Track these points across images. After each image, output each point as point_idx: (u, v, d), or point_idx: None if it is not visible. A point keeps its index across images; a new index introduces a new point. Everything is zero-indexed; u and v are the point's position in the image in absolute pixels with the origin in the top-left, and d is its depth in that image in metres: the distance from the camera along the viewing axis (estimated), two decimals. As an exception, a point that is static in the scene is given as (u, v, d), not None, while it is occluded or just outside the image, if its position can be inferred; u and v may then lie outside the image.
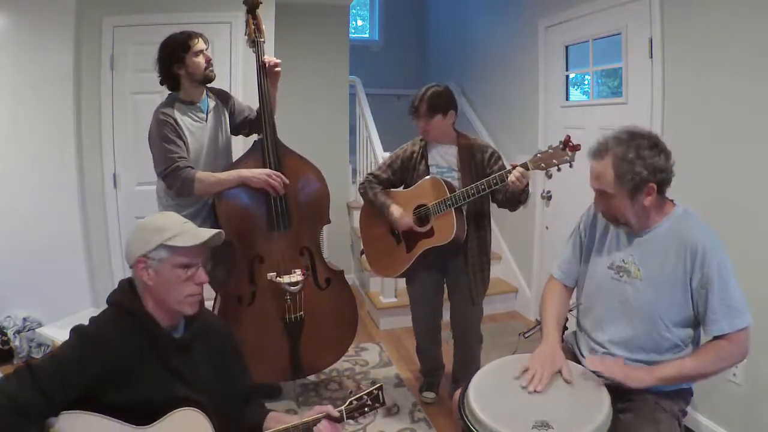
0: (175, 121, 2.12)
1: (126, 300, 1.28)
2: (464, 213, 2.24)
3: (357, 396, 1.36)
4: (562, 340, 1.62)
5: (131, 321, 1.26)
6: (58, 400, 1.15)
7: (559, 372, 1.41)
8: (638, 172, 1.36)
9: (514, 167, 1.98)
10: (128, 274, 1.34)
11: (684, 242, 1.39)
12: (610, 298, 1.51)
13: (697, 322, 1.42)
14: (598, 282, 1.55)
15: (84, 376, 1.17)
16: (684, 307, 1.41)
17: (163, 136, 2.09)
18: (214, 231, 1.33)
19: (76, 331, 1.23)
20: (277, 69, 2.28)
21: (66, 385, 1.16)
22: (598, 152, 1.44)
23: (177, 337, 1.32)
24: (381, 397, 1.38)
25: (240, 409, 1.44)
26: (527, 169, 1.96)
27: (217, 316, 2.14)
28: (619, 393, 1.39)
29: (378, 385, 1.39)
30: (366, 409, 1.36)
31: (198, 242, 1.29)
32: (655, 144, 1.39)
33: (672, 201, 1.49)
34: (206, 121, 2.25)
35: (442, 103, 2.22)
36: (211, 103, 2.28)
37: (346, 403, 1.35)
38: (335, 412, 1.34)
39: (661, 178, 1.38)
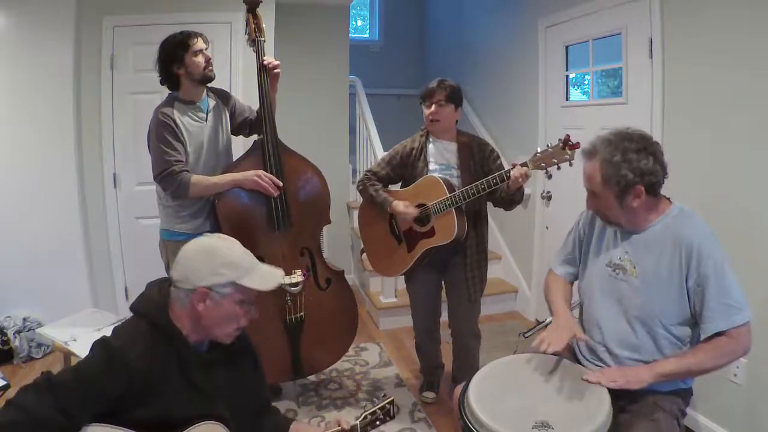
0: (174, 121, 2.12)
1: (153, 312, 1.23)
2: (464, 212, 2.24)
3: (371, 410, 1.39)
4: None
5: (159, 334, 1.21)
6: (80, 417, 1.10)
7: (560, 370, 1.41)
8: (623, 175, 1.37)
9: (514, 167, 1.99)
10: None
11: (679, 241, 1.39)
12: (608, 296, 1.52)
13: (695, 321, 1.42)
14: (597, 279, 1.56)
15: (108, 393, 1.12)
16: (681, 305, 1.40)
17: (161, 137, 2.09)
18: (282, 277, 1.32)
19: (102, 344, 1.17)
20: (276, 71, 2.28)
21: (89, 402, 1.11)
22: (589, 153, 1.46)
23: (202, 352, 1.29)
24: (392, 411, 1.42)
25: (257, 421, 1.43)
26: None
27: None
28: (619, 392, 1.39)
29: (390, 398, 1.42)
30: (378, 422, 1.39)
31: (269, 288, 1.26)
32: (643, 147, 1.38)
33: (668, 199, 1.49)
34: (206, 120, 2.25)
35: (458, 96, 2.30)
36: (211, 103, 2.28)
37: (361, 417, 1.37)
38: (349, 426, 1.34)
39: (650, 180, 1.38)
